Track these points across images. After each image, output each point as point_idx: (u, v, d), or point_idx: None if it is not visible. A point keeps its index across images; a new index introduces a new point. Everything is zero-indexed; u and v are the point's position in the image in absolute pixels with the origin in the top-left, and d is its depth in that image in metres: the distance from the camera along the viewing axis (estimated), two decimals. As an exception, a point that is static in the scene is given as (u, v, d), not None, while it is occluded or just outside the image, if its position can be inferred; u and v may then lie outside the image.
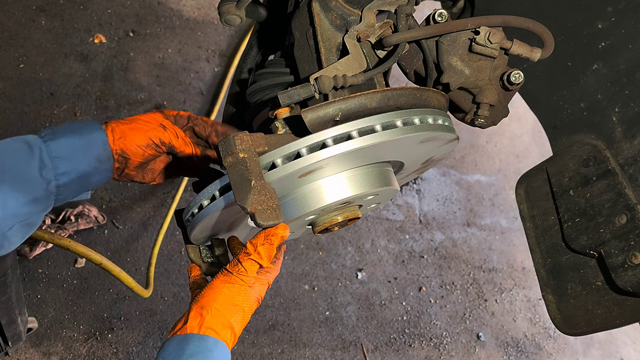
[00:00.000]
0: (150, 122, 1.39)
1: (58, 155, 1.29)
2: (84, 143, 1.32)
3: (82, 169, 1.31)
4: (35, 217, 1.28)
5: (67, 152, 1.30)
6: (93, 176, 1.34)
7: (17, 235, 1.26)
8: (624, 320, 1.42)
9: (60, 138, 1.31)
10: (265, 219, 1.07)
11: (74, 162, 1.30)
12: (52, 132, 1.32)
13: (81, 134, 1.32)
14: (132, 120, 1.40)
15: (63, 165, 1.29)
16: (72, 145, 1.31)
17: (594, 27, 1.42)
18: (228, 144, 1.10)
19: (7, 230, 1.23)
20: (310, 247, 3.14)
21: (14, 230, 1.24)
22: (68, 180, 1.29)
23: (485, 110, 1.33)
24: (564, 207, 1.47)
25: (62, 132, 1.32)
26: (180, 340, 1.17)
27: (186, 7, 3.49)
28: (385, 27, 1.34)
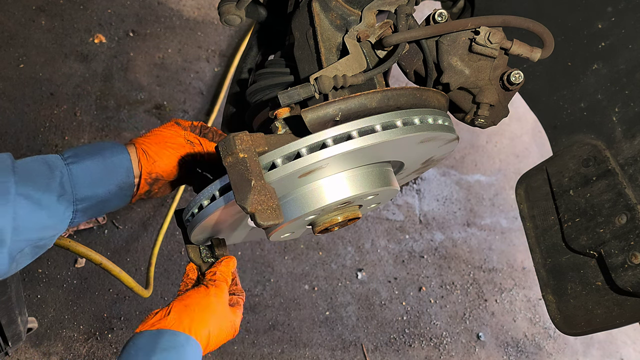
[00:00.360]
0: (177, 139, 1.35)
1: (79, 181, 1.23)
2: (107, 168, 1.26)
3: (103, 196, 1.26)
4: (47, 241, 1.24)
5: (89, 177, 1.24)
6: (112, 202, 1.29)
7: (26, 257, 1.22)
8: (624, 320, 1.42)
9: (84, 161, 1.25)
10: (265, 219, 1.07)
11: (94, 188, 1.25)
12: (74, 153, 1.26)
13: (104, 157, 1.27)
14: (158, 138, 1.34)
15: (83, 191, 1.24)
16: (94, 170, 1.25)
17: (594, 27, 1.42)
18: (228, 144, 1.10)
19: (17, 253, 1.19)
20: (310, 247, 3.14)
21: (23, 253, 1.20)
22: (86, 206, 1.25)
23: (485, 110, 1.33)
24: (564, 207, 1.47)
25: (85, 153, 1.26)
26: (152, 334, 1.19)
27: (186, 7, 3.50)
28: (385, 27, 1.34)
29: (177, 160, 1.33)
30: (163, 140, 1.34)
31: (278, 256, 3.05)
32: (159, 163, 1.31)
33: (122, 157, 1.28)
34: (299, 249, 3.11)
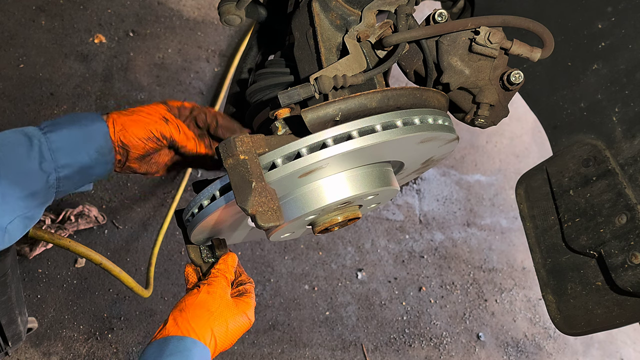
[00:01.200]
0: (152, 115, 1.36)
1: (58, 147, 1.26)
2: (84, 134, 1.29)
3: (83, 161, 1.28)
4: (35, 211, 1.26)
5: (67, 143, 1.27)
6: (94, 168, 1.31)
7: (17, 229, 1.25)
8: (624, 320, 1.42)
9: (61, 129, 1.28)
10: (266, 221, 1.07)
11: (74, 154, 1.27)
12: (52, 123, 1.29)
13: (81, 125, 1.30)
14: (134, 111, 1.37)
15: (63, 158, 1.26)
16: (72, 137, 1.28)
17: (594, 27, 1.42)
18: (228, 146, 1.10)
19: (7, 224, 1.21)
20: (310, 247, 3.14)
21: (14, 224, 1.23)
22: (69, 172, 1.27)
23: (485, 110, 1.33)
24: (564, 207, 1.47)
25: (62, 123, 1.29)
26: (160, 342, 1.21)
27: (186, 7, 3.49)
28: (385, 27, 1.34)
29: (145, 133, 1.34)
30: (138, 113, 1.36)
31: (278, 256, 3.05)
32: (124, 132, 1.32)
33: (99, 124, 1.31)
34: (299, 249, 3.11)
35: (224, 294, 1.31)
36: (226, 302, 1.30)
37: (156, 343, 1.21)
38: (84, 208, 2.74)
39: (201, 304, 1.27)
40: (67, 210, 2.72)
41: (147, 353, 1.20)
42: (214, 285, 1.31)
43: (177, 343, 1.20)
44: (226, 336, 1.27)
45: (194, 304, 1.27)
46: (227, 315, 1.28)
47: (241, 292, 1.36)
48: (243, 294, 1.36)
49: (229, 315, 1.28)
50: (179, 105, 1.43)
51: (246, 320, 1.31)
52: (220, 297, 1.29)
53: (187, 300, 1.28)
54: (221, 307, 1.28)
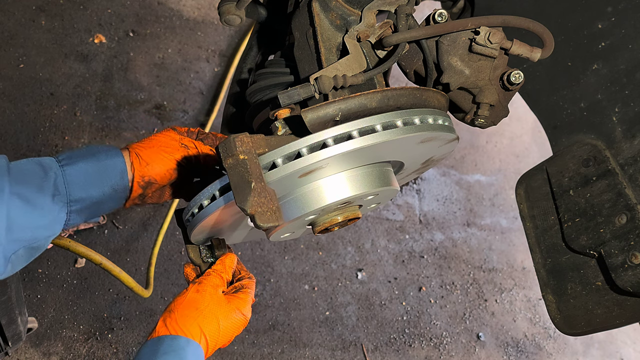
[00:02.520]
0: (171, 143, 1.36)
1: (73, 181, 1.24)
2: (100, 170, 1.27)
3: (96, 197, 1.27)
4: (42, 242, 1.24)
5: (82, 178, 1.25)
6: (106, 204, 1.30)
7: (21, 259, 1.23)
8: (624, 320, 1.42)
9: (77, 163, 1.26)
10: (265, 221, 1.07)
11: (88, 189, 1.26)
12: (69, 156, 1.27)
13: (99, 160, 1.28)
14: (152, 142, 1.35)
15: (77, 192, 1.25)
16: (88, 172, 1.26)
17: (594, 27, 1.42)
18: (228, 146, 1.10)
19: (11, 254, 1.19)
20: (310, 247, 3.14)
21: (18, 255, 1.21)
22: (80, 207, 1.26)
23: (485, 110, 1.33)
24: (564, 207, 1.47)
25: (80, 156, 1.27)
26: (154, 342, 1.21)
27: (186, 7, 3.49)
28: (385, 27, 1.34)
29: (171, 163, 1.34)
30: (157, 144, 1.35)
31: (278, 256, 3.05)
32: (152, 166, 1.32)
33: (116, 160, 1.29)
34: (299, 249, 3.11)
35: (214, 292, 1.30)
36: (217, 300, 1.29)
37: (150, 343, 1.21)
38: (84, 208, 2.74)
39: (189, 303, 1.26)
40: (67, 210, 2.71)
41: (142, 353, 1.20)
42: (204, 283, 1.30)
43: (171, 342, 1.20)
44: (218, 334, 1.26)
45: (182, 303, 1.26)
46: (217, 312, 1.27)
47: (237, 289, 1.35)
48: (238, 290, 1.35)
49: (220, 312, 1.27)
50: (186, 130, 1.43)
51: (240, 317, 1.30)
52: (210, 295, 1.28)
53: (177, 301, 1.28)
54: (211, 305, 1.27)
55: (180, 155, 1.34)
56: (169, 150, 1.34)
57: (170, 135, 1.38)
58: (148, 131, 3.08)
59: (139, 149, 1.33)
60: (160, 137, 1.37)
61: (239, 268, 1.42)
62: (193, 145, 1.37)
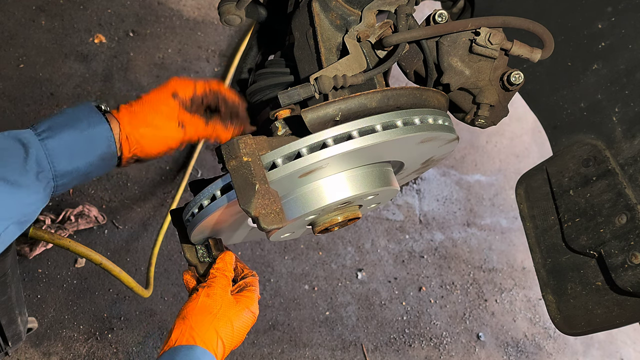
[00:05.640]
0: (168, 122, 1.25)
1: (56, 155, 1.17)
2: (85, 140, 1.19)
3: (84, 169, 1.21)
4: (30, 216, 1.19)
5: (66, 151, 1.18)
6: (95, 172, 1.23)
7: (11, 234, 1.18)
8: (624, 320, 1.42)
9: (59, 134, 1.18)
10: (269, 223, 1.07)
11: (74, 162, 1.19)
12: (49, 127, 1.19)
13: (81, 130, 1.19)
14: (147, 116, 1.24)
15: (62, 166, 1.18)
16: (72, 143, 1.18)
17: (594, 27, 1.42)
18: (232, 148, 1.10)
19: (2, 231, 1.15)
20: (310, 247, 3.14)
21: (8, 231, 1.16)
22: (67, 180, 1.20)
23: (486, 111, 1.33)
24: (564, 207, 1.47)
25: (61, 126, 1.19)
26: (170, 352, 1.20)
27: (186, 7, 3.49)
28: (385, 27, 1.34)
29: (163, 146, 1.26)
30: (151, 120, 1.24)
31: (278, 256, 3.05)
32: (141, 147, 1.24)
33: (100, 128, 1.21)
34: (299, 249, 3.11)
35: (224, 294, 1.30)
36: (228, 302, 1.29)
37: (166, 354, 1.20)
38: (84, 208, 2.74)
39: (202, 308, 1.26)
40: (67, 210, 2.72)
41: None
42: (213, 286, 1.30)
43: (187, 352, 1.19)
44: (233, 336, 1.27)
45: (195, 309, 1.26)
46: (230, 314, 1.27)
47: (242, 287, 1.36)
48: (243, 289, 1.35)
49: (233, 314, 1.28)
50: (191, 97, 1.29)
51: (250, 316, 1.31)
52: (221, 297, 1.28)
53: (189, 307, 1.27)
54: (223, 307, 1.27)
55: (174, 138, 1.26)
56: (163, 133, 1.25)
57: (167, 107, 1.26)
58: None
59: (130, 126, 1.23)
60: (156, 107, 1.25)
61: (241, 266, 1.42)
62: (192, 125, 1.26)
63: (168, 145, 1.26)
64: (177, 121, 1.26)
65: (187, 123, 1.27)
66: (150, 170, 3.02)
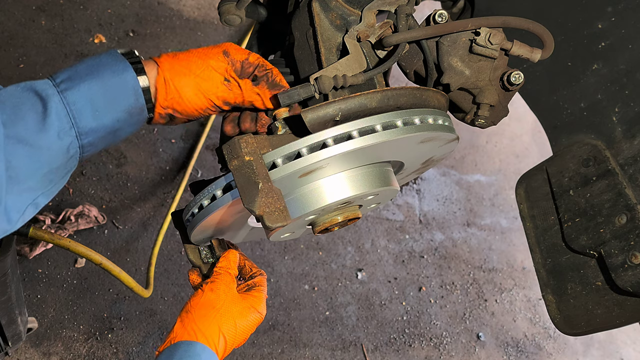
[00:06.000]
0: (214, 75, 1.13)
1: (78, 110, 1.03)
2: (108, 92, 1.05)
3: (110, 125, 1.06)
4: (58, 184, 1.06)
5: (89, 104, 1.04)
6: (122, 130, 1.10)
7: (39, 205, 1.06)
8: (624, 320, 1.42)
9: (80, 86, 1.05)
10: (273, 221, 1.07)
11: (99, 117, 1.05)
12: (69, 77, 1.07)
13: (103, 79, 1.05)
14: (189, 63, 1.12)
15: (86, 123, 1.04)
16: (94, 96, 1.04)
17: (594, 27, 1.42)
18: (233, 148, 1.10)
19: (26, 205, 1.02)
20: (310, 247, 3.14)
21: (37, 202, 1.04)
22: (92, 139, 1.06)
23: (486, 111, 1.33)
24: (564, 207, 1.47)
25: (82, 76, 1.07)
26: (170, 349, 1.20)
27: (186, 7, 3.49)
28: (385, 27, 1.34)
29: (204, 102, 1.13)
30: (194, 70, 1.12)
31: (278, 256, 3.05)
32: (178, 100, 1.11)
33: (125, 76, 1.07)
34: (299, 249, 3.11)
35: (229, 290, 1.29)
36: (232, 298, 1.28)
37: (166, 350, 1.20)
38: (84, 208, 2.74)
39: (206, 302, 1.25)
40: (67, 210, 2.72)
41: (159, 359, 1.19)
42: (217, 282, 1.30)
43: (187, 347, 1.19)
44: (235, 333, 1.26)
45: (199, 303, 1.25)
46: (233, 311, 1.26)
47: (250, 287, 1.35)
48: (252, 288, 1.34)
49: (236, 311, 1.27)
50: (243, 61, 1.17)
51: (256, 315, 1.30)
52: (224, 293, 1.28)
53: (192, 301, 1.27)
54: (227, 303, 1.26)
55: (217, 94, 1.14)
56: (206, 86, 1.12)
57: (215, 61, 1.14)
58: (148, 130, 3.08)
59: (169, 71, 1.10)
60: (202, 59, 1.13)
61: (250, 265, 1.41)
62: (237, 85, 1.15)
63: (209, 100, 1.13)
64: (223, 77, 1.14)
65: (232, 80, 1.15)
66: (150, 170, 3.02)
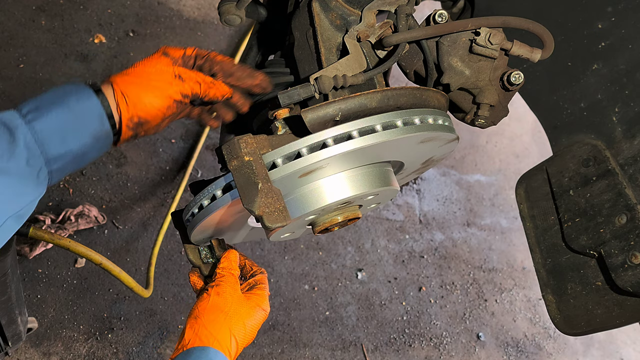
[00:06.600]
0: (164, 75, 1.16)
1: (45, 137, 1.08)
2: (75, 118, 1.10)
3: (77, 150, 1.11)
4: (27, 208, 1.12)
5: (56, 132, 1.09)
6: (90, 153, 1.15)
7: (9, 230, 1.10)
8: (624, 320, 1.42)
9: (46, 115, 1.10)
10: (273, 221, 1.07)
11: (66, 143, 1.10)
12: (35, 107, 1.12)
13: (69, 106, 1.11)
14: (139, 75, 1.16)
15: (53, 149, 1.09)
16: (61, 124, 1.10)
17: (594, 27, 1.42)
18: (233, 148, 1.10)
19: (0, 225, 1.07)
20: (310, 247, 3.14)
21: (5, 226, 1.09)
22: (61, 164, 1.11)
23: (486, 111, 1.33)
24: (564, 207, 1.47)
25: (47, 105, 1.12)
26: (183, 355, 1.20)
27: (186, 7, 3.50)
28: (385, 27, 1.34)
29: (164, 100, 1.16)
30: (146, 77, 1.16)
31: (278, 256, 3.05)
32: (141, 105, 1.14)
33: (90, 103, 1.12)
34: (299, 249, 3.11)
35: (234, 292, 1.29)
36: (238, 300, 1.29)
37: (180, 357, 1.20)
38: (84, 208, 2.74)
39: (214, 307, 1.26)
40: (67, 210, 2.72)
41: None
42: (222, 285, 1.30)
43: (200, 354, 1.19)
44: (245, 333, 1.26)
45: (207, 308, 1.26)
46: (242, 312, 1.27)
47: (252, 285, 1.35)
48: (254, 287, 1.35)
49: (244, 311, 1.27)
50: (182, 55, 1.22)
51: (262, 313, 1.31)
52: (231, 296, 1.28)
53: (200, 306, 1.27)
54: (234, 305, 1.27)
55: (174, 90, 1.16)
56: (161, 85, 1.15)
57: (160, 64, 1.18)
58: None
59: (123, 85, 1.14)
60: (148, 67, 1.17)
61: (250, 264, 1.41)
62: (190, 77, 1.18)
63: (169, 97, 1.16)
64: (173, 74, 1.18)
65: (183, 73, 1.18)
66: (150, 170, 3.02)
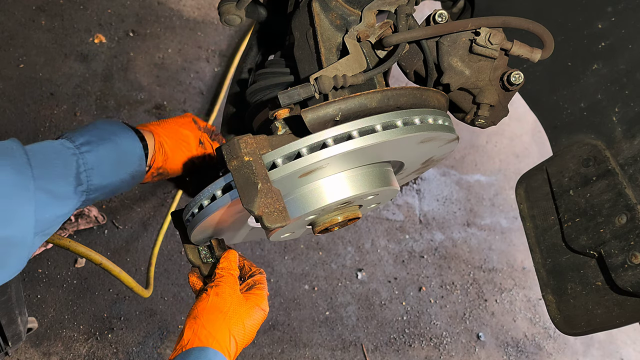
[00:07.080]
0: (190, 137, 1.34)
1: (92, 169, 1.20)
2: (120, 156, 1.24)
3: (115, 185, 1.25)
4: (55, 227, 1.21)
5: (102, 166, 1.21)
6: (120, 189, 1.28)
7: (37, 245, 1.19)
8: (624, 320, 1.42)
9: (97, 149, 1.22)
10: (272, 222, 1.07)
11: (108, 177, 1.23)
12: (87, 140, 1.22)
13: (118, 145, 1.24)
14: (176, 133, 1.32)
15: (97, 181, 1.21)
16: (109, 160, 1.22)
17: (594, 27, 1.42)
18: (232, 148, 1.10)
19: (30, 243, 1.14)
20: (310, 247, 3.14)
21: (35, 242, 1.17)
22: (96, 195, 1.23)
23: (486, 111, 1.33)
24: (564, 207, 1.47)
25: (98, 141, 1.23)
26: (182, 356, 1.20)
27: (186, 7, 3.49)
28: (385, 27, 1.34)
29: (187, 160, 1.34)
30: (180, 135, 1.33)
31: (278, 256, 3.05)
32: (171, 160, 1.31)
33: (135, 145, 1.26)
34: (299, 249, 3.11)
35: (233, 292, 1.30)
36: (237, 300, 1.29)
37: (179, 358, 1.20)
38: (84, 208, 2.74)
39: (213, 307, 1.26)
40: (67, 210, 2.71)
41: None
42: (221, 285, 1.30)
43: (199, 354, 1.20)
44: (244, 333, 1.27)
45: (206, 308, 1.26)
46: (241, 312, 1.27)
47: (250, 285, 1.36)
48: (253, 287, 1.35)
49: (243, 312, 1.28)
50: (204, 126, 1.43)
51: (261, 313, 1.31)
52: (230, 296, 1.29)
53: (199, 306, 1.28)
54: (233, 305, 1.27)
55: (197, 152, 1.35)
56: (189, 147, 1.34)
57: (191, 127, 1.37)
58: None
59: (163, 138, 1.30)
60: (183, 128, 1.35)
61: (248, 264, 1.42)
62: (209, 145, 1.38)
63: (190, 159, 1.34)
64: (197, 138, 1.38)
65: (205, 140, 1.39)
66: (150, 170, 3.01)
